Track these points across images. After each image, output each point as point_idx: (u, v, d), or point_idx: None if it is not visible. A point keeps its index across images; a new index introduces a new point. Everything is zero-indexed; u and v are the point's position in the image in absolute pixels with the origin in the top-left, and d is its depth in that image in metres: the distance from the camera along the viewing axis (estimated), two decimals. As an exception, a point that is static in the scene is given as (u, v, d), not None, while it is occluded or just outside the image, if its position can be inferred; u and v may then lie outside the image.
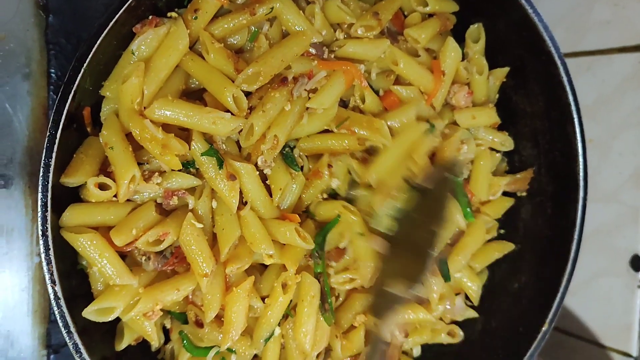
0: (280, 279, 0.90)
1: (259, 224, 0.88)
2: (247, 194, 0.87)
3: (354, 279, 0.96)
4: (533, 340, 1.04)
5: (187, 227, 0.83)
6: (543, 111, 1.09)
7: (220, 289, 0.86)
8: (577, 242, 1.04)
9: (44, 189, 0.76)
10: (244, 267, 0.87)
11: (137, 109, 0.82)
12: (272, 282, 0.91)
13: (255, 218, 0.88)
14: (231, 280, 0.87)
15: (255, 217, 0.88)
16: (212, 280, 0.85)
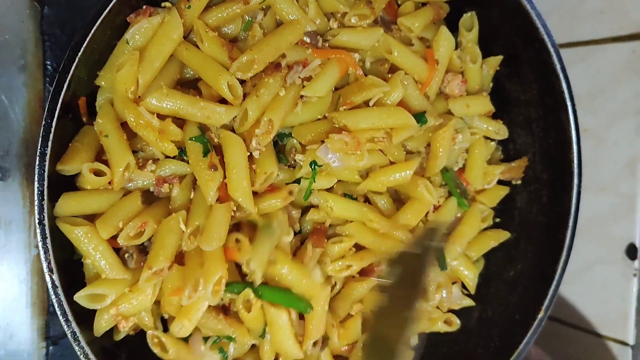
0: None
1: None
2: (231, 170, 0.85)
3: (351, 265, 0.96)
4: (529, 328, 1.05)
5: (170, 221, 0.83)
6: (537, 99, 1.10)
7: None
8: (573, 228, 1.05)
9: (40, 177, 0.77)
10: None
11: (132, 98, 0.82)
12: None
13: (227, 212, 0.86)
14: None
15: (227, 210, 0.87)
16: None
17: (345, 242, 0.96)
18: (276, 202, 0.90)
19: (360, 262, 0.97)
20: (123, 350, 0.91)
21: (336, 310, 1.00)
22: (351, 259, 0.96)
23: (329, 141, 0.90)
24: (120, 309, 0.83)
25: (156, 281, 0.82)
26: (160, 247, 0.81)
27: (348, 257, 0.97)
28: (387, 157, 0.99)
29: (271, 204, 0.90)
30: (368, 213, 0.96)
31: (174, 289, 0.84)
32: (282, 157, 0.94)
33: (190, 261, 0.85)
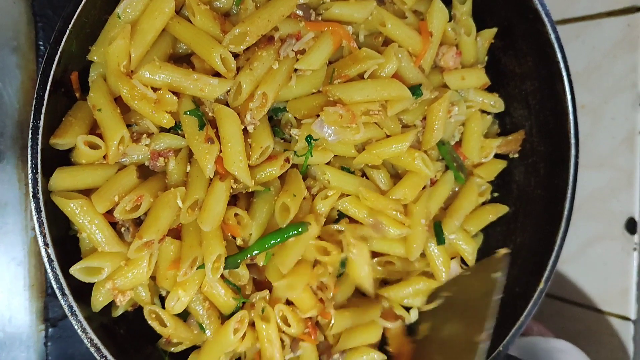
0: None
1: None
2: (226, 144, 0.85)
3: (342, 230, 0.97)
4: (530, 299, 1.04)
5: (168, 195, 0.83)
6: (532, 71, 1.10)
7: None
8: (571, 199, 1.05)
9: (34, 151, 0.76)
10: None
11: (124, 72, 0.82)
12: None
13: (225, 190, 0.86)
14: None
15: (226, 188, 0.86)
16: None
17: (331, 196, 0.95)
18: (273, 170, 0.89)
19: (353, 232, 0.97)
20: (121, 327, 0.90)
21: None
22: (345, 227, 0.96)
23: (324, 114, 0.89)
24: (117, 283, 0.83)
25: (146, 253, 0.82)
26: (154, 219, 0.81)
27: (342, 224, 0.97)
28: (383, 131, 0.98)
29: (268, 172, 0.89)
30: (363, 189, 0.96)
31: (170, 262, 0.84)
32: (278, 131, 0.94)
33: (187, 236, 0.85)
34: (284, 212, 0.89)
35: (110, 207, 0.81)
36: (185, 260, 0.82)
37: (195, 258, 0.83)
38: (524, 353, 1.09)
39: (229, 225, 0.84)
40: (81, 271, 0.81)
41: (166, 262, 0.85)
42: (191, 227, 0.85)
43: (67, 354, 1.05)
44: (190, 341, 0.93)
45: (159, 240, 0.81)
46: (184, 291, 0.84)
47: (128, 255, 0.81)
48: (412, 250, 1.00)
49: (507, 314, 1.06)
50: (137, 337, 0.92)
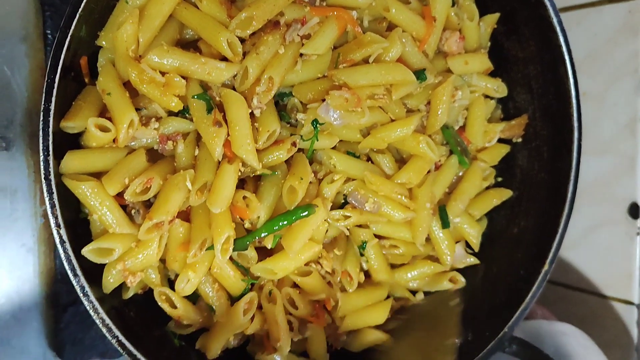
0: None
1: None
2: (234, 127, 0.85)
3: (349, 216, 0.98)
4: (534, 282, 1.05)
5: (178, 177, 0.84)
6: (535, 55, 1.10)
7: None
8: (574, 182, 1.06)
9: (45, 133, 0.77)
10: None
11: (133, 56, 0.83)
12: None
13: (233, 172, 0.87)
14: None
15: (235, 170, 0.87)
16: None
17: (337, 180, 0.96)
18: (280, 154, 0.90)
19: (359, 217, 0.98)
20: (132, 309, 0.91)
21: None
22: (351, 212, 0.97)
23: (329, 97, 0.90)
24: (127, 264, 0.84)
25: (156, 234, 0.83)
26: (164, 201, 0.82)
27: (348, 209, 0.98)
28: (387, 115, 0.99)
29: (275, 156, 0.90)
30: (368, 173, 0.97)
31: (180, 244, 0.85)
32: (284, 115, 0.95)
33: (196, 219, 0.86)
34: (291, 195, 0.90)
35: (120, 189, 0.82)
36: (195, 242, 0.83)
37: (205, 239, 0.84)
38: (528, 336, 1.09)
39: (238, 208, 0.85)
40: (93, 252, 0.82)
41: (176, 244, 0.86)
42: (200, 210, 0.86)
43: (77, 339, 1.06)
44: (199, 323, 0.94)
45: (169, 221, 0.82)
46: (193, 272, 0.85)
47: (139, 236, 0.82)
48: (418, 234, 1.01)
49: (511, 296, 1.07)
50: (147, 320, 0.93)
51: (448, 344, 0.97)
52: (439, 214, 1.07)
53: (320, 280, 0.98)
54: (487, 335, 1.04)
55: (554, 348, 1.15)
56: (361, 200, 0.96)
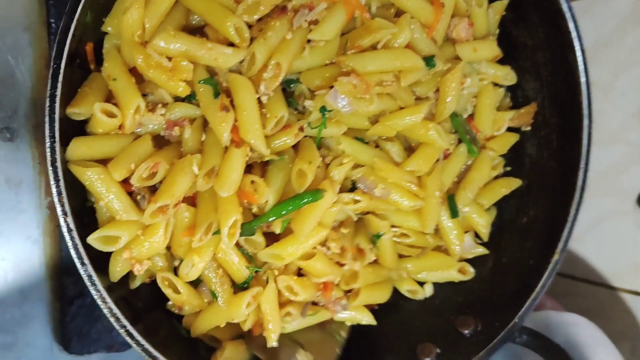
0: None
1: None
2: (242, 113, 0.84)
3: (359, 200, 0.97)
4: (544, 271, 1.04)
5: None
6: (543, 42, 1.09)
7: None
8: (585, 169, 1.04)
9: (51, 119, 0.76)
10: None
11: (139, 42, 0.82)
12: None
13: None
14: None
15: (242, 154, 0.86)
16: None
17: (346, 163, 0.94)
18: (287, 139, 0.89)
19: (369, 202, 0.97)
20: (139, 300, 0.90)
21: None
22: (361, 196, 0.96)
23: (337, 84, 0.89)
24: (134, 252, 0.83)
25: (161, 218, 0.82)
26: (170, 185, 0.81)
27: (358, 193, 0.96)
28: (396, 102, 0.98)
29: (282, 142, 0.89)
30: (378, 160, 0.95)
31: (185, 229, 0.84)
32: (292, 101, 0.93)
33: (202, 203, 0.85)
34: (300, 178, 0.89)
35: (126, 174, 0.81)
36: (201, 226, 0.82)
37: (211, 223, 0.83)
38: (538, 327, 1.08)
39: (245, 192, 0.84)
40: (98, 240, 0.81)
41: (181, 229, 0.85)
42: (207, 195, 0.85)
43: (83, 332, 1.05)
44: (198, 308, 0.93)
45: (174, 205, 0.81)
46: (198, 257, 0.84)
47: (143, 220, 0.80)
48: (427, 223, 1.00)
49: (521, 286, 1.06)
50: (155, 311, 0.93)
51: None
52: (447, 204, 1.06)
53: (325, 261, 0.97)
54: (497, 325, 1.03)
55: (564, 338, 1.14)
56: (371, 185, 0.95)
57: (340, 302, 1.00)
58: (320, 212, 0.90)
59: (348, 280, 1.01)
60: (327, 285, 0.97)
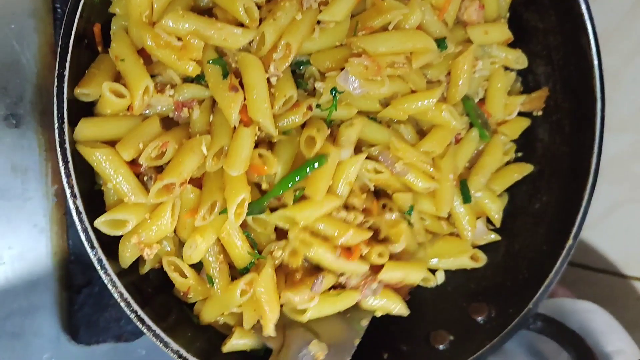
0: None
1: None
2: (251, 92, 0.83)
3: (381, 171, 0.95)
4: (558, 257, 1.03)
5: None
6: (555, 25, 1.08)
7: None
8: (598, 153, 1.03)
9: (59, 100, 0.75)
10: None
11: (147, 22, 0.81)
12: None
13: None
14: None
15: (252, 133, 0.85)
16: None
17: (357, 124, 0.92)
18: (295, 118, 0.88)
19: (390, 176, 0.96)
20: (149, 285, 0.89)
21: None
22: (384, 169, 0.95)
23: (348, 65, 0.88)
24: (142, 237, 0.81)
25: (167, 198, 0.80)
26: (178, 163, 0.79)
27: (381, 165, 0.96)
28: (408, 85, 0.96)
29: (290, 121, 0.88)
30: (395, 139, 0.94)
31: (190, 210, 0.83)
32: (301, 82, 0.92)
33: (208, 183, 0.84)
34: (309, 147, 0.87)
35: (135, 155, 0.79)
36: (204, 204, 0.81)
37: (215, 202, 0.82)
38: (552, 314, 1.07)
39: (254, 166, 0.83)
40: (106, 224, 0.79)
41: (186, 210, 0.84)
42: (213, 175, 0.84)
43: (91, 321, 1.04)
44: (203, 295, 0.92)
45: (180, 184, 0.79)
46: (201, 238, 0.82)
47: (149, 198, 0.79)
48: (442, 206, 0.99)
49: (535, 272, 1.05)
50: (165, 297, 0.91)
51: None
52: (460, 189, 1.05)
53: (339, 222, 0.94)
54: (511, 312, 1.02)
55: (578, 325, 1.12)
56: (392, 160, 0.94)
57: (371, 286, 0.95)
58: (331, 173, 0.88)
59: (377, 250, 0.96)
60: (352, 249, 0.92)
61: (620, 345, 1.12)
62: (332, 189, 0.90)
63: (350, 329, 0.95)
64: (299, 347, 0.89)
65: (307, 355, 0.87)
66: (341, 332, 0.94)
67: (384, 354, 1.03)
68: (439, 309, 1.10)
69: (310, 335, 0.91)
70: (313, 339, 0.90)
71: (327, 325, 0.93)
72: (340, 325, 0.95)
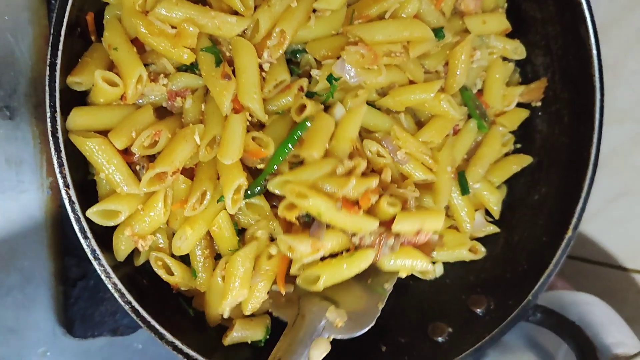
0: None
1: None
2: (241, 75, 0.83)
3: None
4: (558, 248, 1.02)
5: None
6: (554, 15, 1.07)
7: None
8: (597, 144, 1.02)
9: (52, 89, 0.74)
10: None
11: (140, 11, 0.80)
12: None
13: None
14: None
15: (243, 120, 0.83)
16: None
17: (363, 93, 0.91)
18: (287, 100, 0.87)
19: (391, 163, 0.94)
20: (144, 277, 0.88)
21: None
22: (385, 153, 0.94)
23: (345, 53, 0.87)
24: (135, 229, 0.81)
25: (159, 187, 0.79)
26: (170, 152, 0.79)
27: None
28: (405, 75, 0.96)
29: (281, 103, 0.87)
30: (397, 127, 0.93)
31: (181, 200, 0.82)
32: (295, 69, 0.91)
33: (200, 173, 0.83)
34: (300, 111, 0.87)
35: (128, 143, 0.79)
36: (194, 194, 0.80)
37: (205, 191, 0.81)
38: (551, 306, 1.06)
39: (251, 151, 0.82)
40: (98, 214, 0.79)
41: (178, 200, 0.83)
42: (205, 165, 0.83)
43: (87, 315, 1.04)
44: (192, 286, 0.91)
45: (172, 173, 0.78)
46: (191, 229, 0.81)
47: (141, 187, 0.78)
48: (440, 198, 0.98)
49: (534, 263, 1.04)
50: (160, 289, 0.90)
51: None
52: (458, 180, 1.04)
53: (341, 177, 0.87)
54: (511, 303, 1.01)
55: (578, 317, 1.11)
56: (394, 147, 0.92)
57: (387, 242, 0.86)
58: (324, 133, 0.86)
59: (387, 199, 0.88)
60: (360, 200, 0.85)
61: (620, 337, 1.11)
62: (332, 149, 0.87)
63: (372, 294, 0.89)
64: (318, 316, 0.83)
65: (324, 324, 0.82)
66: (362, 299, 0.88)
67: (383, 347, 1.02)
68: (437, 301, 1.09)
69: (327, 304, 0.85)
70: (330, 307, 0.85)
71: (345, 293, 0.87)
72: (360, 291, 0.89)
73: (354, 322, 0.84)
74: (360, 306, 0.86)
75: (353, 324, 0.84)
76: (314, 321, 0.82)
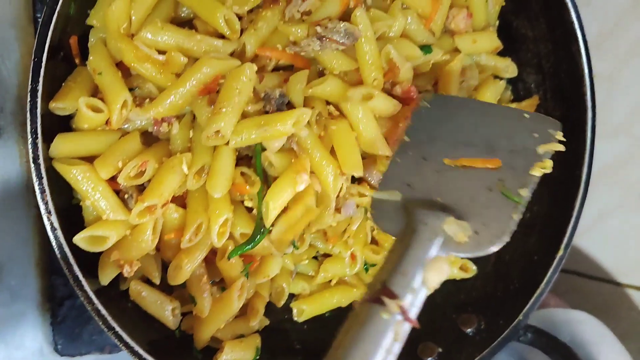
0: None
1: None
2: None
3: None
4: (549, 267, 1.01)
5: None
6: (545, 33, 1.06)
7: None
8: (589, 162, 1.01)
9: (33, 114, 0.74)
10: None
11: (125, 34, 0.79)
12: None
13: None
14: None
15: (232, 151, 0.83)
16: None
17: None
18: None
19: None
20: (129, 300, 0.88)
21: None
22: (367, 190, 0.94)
23: None
24: (122, 254, 0.80)
25: (149, 218, 0.79)
26: (158, 183, 0.78)
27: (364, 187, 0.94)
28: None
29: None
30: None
31: (174, 230, 0.81)
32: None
33: (192, 202, 0.82)
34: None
35: (113, 173, 0.78)
36: (190, 225, 0.79)
37: (201, 223, 0.80)
38: (543, 325, 1.05)
39: (237, 185, 0.81)
40: (85, 240, 0.78)
41: (170, 230, 0.82)
42: (196, 193, 0.83)
43: (74, 333, 1.03)
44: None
45: (162, 205, 0.78)
46: (187, 260, 0.81)
47: (130, 220, 0.78)
48: None
49: (526, 282, 1.03)
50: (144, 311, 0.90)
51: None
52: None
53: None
54: (501, 323, 1.00)
55: (570, 336, 1.11)
56: (377, 176, 0.91)
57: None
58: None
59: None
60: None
61: (613, 356, 1.10)
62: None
63: (503, 202, 0.73)
64: (430, 229, 0.67)
65: (442, 240, 0.67)
66: (490, 208, 0.72)
67: (371, 367, 1.01)
68: (427, 320, 1.07)
69: (444, 214, 0.70)
70: (446, 219, 0.69)
71: (469, 201, 0.72)
72: (487, 198, 0.73)
73: (482, 236, 0.69)
74: (488, 217, 0.71)
75: (480, 239, 0.69)
76: (429, 236, 0.66)
